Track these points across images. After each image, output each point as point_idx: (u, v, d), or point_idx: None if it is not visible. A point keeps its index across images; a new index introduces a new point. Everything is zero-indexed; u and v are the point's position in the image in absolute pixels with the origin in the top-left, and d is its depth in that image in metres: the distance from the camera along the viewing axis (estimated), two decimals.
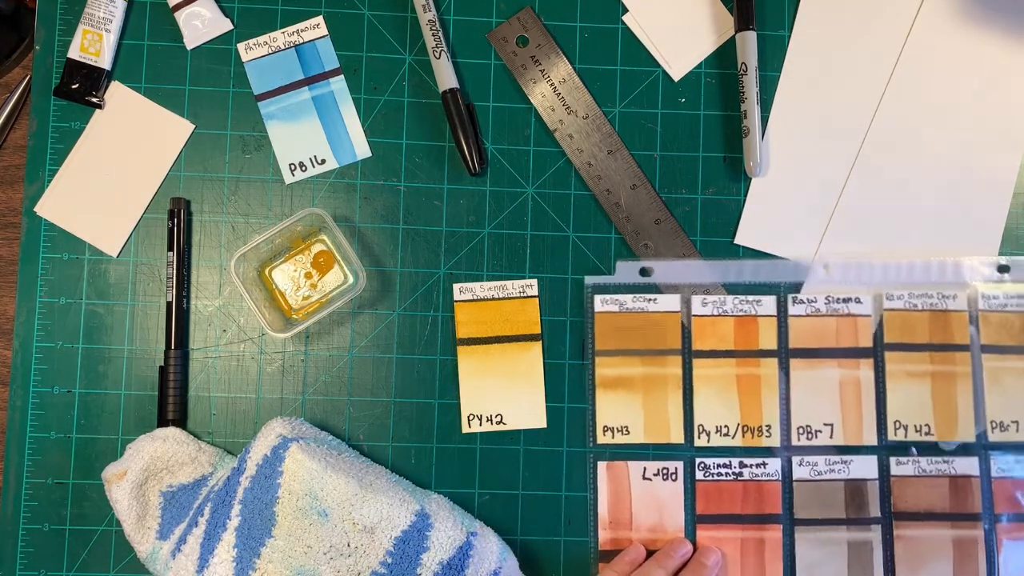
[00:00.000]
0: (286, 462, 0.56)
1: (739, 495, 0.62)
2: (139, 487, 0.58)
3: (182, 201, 0.62)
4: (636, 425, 0.62)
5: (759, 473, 0.62)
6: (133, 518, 0.58)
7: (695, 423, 0.62)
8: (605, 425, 0.62)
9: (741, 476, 0.62)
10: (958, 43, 0.64)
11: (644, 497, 0.62)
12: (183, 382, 0.62)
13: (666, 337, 0.62)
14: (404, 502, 0.56)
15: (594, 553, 0.61)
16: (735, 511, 0.62)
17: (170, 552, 0.57)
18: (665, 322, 0.62)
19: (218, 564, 0.55)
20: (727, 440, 0.62)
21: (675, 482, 0.62)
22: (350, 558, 0.55)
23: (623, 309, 0.62)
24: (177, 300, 0.61)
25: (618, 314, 0.62)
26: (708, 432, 0.62)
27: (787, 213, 0.63)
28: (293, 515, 0.56)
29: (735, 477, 0.62)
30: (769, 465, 0.62)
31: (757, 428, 0.62)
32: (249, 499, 0.56)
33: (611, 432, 0.62)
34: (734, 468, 0.62)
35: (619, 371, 0.62)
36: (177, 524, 0.58)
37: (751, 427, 0.62)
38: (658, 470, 0.62)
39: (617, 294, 0.63)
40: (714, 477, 0.62)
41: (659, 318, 0.62)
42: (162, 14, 0.64)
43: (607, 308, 0.62)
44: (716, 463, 0.62)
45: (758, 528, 0.61)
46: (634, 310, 0.62)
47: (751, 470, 0.62)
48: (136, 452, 0.59)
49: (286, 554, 0.55)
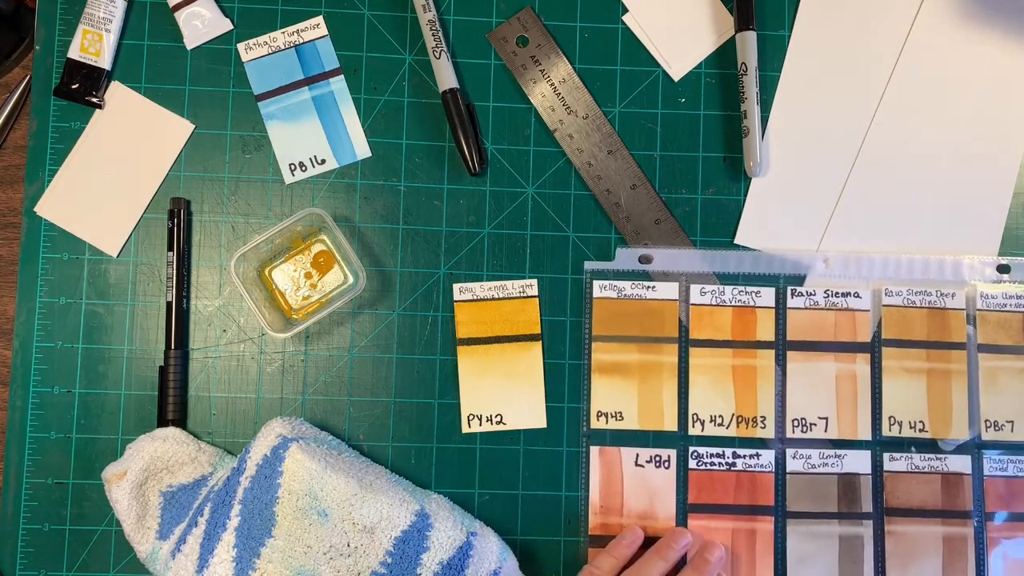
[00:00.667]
0: (286, 462, 0.56)
1: (732, 485, 0.62)
2: (139, 487, 0.58)
3: (182, 201, 0.62)
4: (630, 411, 0.62)
5: (752, 464, 0.62)
6: (133, 518, 0.58)
7: (689, 411, 0.62)
8: (599, 410, 0.62)
9: (734, 466, 0.62)
10: (958, 43, 0.64)
11: (636, 483, 0.62)
12: (183, 382, 0.62)
13: (663, 325, 0.63)
14: (404, 502, 0.57)
15: (584, 538, 0.61)
16: (727, 501, 0.62)
17: (170, 552, 0.57)
18: (663, 310, 0.63)
19: (218, 564, 0.55)
20: (721, 430, 0.62)
21: (668, 470, 0.62)
22: (350, 558, 0.55)
23: (621, 295, 0.62)
24: (177, 300, 0.61)
25: (616, 300, 0.62)
26: (702, 421, 0.62)
27: (787, 213, 0.64)
28: (293, 515, 0.56)
29: (728, 467, 0.62)
30: (763, 456, 0.62)
31: (752, 419, 0.62)
32: (249, 499, 0.56)
33: (605, 417, 0.62)
34: (727, 458, 0.62)
35: (615, 357, 0.62)
36: (177, 524, 0.58)
37: (746, 418, 0.62)
38: (651, 457, 0.62)
39: (616, 280, 0.63)
40: (707, 466, 0.62)
41: (657, 306, 0.63)
42: (162, 14, 0.64)
43: (605, 294, 0.62)
44: (709, 452, 0.62)
45: (750, 519, 0.62)
46: (632, 297, 0.62)
47: (744, 460, 0.62)
48: (136, 452, 0.59)
49: (286, 554, 0.55)
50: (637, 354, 0.62)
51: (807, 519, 0.61)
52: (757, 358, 0.62)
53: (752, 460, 0.62)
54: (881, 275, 0.63)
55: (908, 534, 0.61)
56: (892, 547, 0.61)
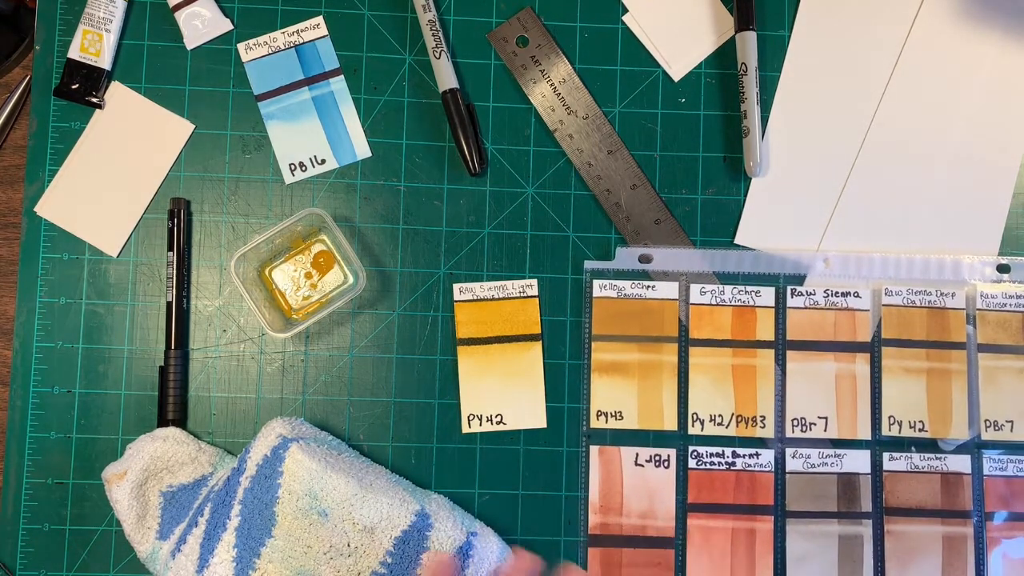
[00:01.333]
0: (286, 462, 0.56)
1: (731, 485, 0.62)
2: (139, 487, 0.58)
3: (182, 201, 0.62)
4: (630, 411, 0.62)
5: (752, 463, 0.62)
6: (133, 518, 0.58)
7: (689, 411, 0.62)
8: (599, 410, 0.62)
9: (734, 466, 0.62)
10: (958, 43, 0.64)
11: (635, 483, 0.62)
12: (183, 382, 0.62)
13: (663, 324, 0.63)
14: (404, 502, 0.57)
15: (584, 537, 0.61)
16: (727, 501, 0.62)
17: (170, 552, 0.57)
18: (662, 309, 0.63)
19: (218, 564, 0.55)
20: (721, 429, 0.62)
21: (667, 469, 0.62)
22: (350, 558, 0.55)
23: (621, 295, 0.62)
24: (177, 300, 0.61)
25: (616, 300, 0.62)
26: (702, 420, 0.62)
27: (787, 213, 0.64)
28: (293, 515, 0.56)
29: (728, 467, 0.62)
30: (762, 456, 0.62)
31: (751, 418, 0.62)
32: (249, 499, 0.56)
33: (604, 417, 0.62)
34: (727, 458, 0.62)
35: (615, 356, 0.62)
36: (177, 524, 0.58)
37: (745, 417, 0.62)
38: (650, 456, 0.62)
39: (616, 279, 0.63)
40: (707, 466, 0.62)
41: (657, 305, 0.63)
42: (162, 14, 0.64)
43: (605, 293, 0.62)
44: (709, 452, 0.62)
45: (749, 518, 0.62)
46: (632, 296, 0.62)
47: (744, 460, 0.62)
48: (136, 452, 0.59)
49: (286, 554, 0.55)
50: (637, 353, 0.62)
51: (806, 519, 0.61)
52: (757, 357, 0.62)
53: (752, 460, 0.62)
54: (881, 275, 0.63)
55: (908, 533, 0.61)
56: (892, 546, 0.61)
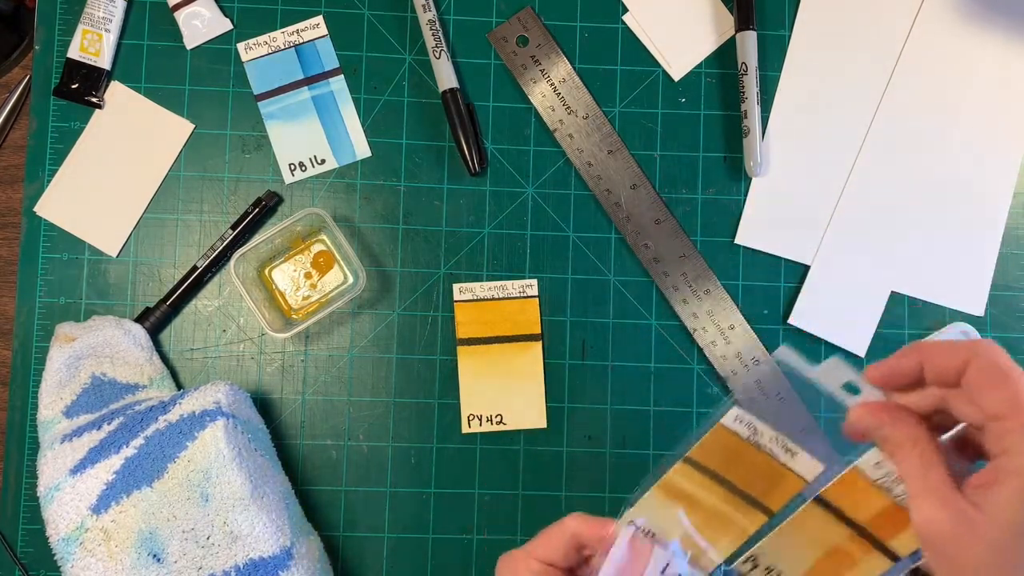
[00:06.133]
0: (204, 431, 0.55)
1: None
2: (77, 359, 0.58)
3: (274, 196, 0.62)
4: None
5: None
6: (55, 381, 0.58)
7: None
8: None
9: None
10: (958, 43, 0.64)
11: None
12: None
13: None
14: (280, 531, 0.55)
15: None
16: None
17: (62, 434, 0.56)
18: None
19: (91, 477, 0.54)
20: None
21: None
22: (202, 549, 0.54)
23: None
24: (202, 272, 0.61)
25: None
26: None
27: (787, 213, 0.63)
28: (179, 481, 0.54)
29: None
30: None
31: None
32: (155, 440, 0.55)
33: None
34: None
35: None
36: (86, 412, 0.58)
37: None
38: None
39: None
40: None
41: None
42: (162, 14, 0.64)
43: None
44: None
45: None
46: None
47: None
48: (95, 328, 0.59)
49: (151, 510, 0.54)
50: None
51: None
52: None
53: None
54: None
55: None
56: None
